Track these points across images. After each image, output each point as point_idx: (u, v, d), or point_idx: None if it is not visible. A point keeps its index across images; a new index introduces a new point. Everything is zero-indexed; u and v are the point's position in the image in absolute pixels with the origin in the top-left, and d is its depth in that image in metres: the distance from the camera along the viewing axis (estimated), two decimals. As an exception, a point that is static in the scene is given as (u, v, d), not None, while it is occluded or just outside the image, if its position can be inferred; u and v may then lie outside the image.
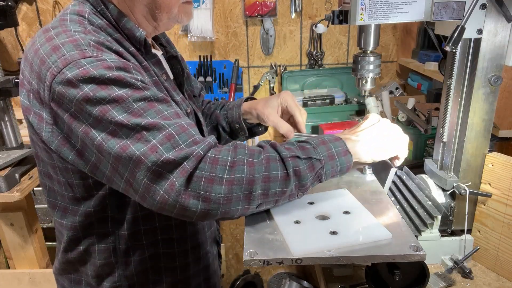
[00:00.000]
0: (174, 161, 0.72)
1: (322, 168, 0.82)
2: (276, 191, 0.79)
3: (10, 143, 1.81)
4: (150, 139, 0.73)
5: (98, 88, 0.73)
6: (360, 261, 0.79)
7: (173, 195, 0.73)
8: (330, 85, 2.30)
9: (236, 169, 0.75)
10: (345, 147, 0.86)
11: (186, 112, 0.97)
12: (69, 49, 0.76)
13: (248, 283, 2.65)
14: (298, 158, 0.80)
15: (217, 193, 0.74)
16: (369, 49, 1.02)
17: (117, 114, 0.73)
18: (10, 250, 1.83)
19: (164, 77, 0.94)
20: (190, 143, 0.74)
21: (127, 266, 0.95)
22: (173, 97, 0.94)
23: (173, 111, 0.79)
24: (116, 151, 0.74)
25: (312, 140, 0.85)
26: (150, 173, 0.73)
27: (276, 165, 0.78)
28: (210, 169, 0.74)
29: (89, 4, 0.87)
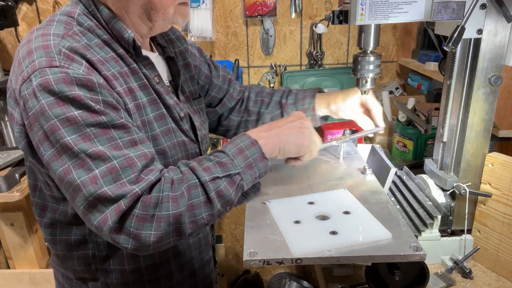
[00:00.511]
0: (110, 197, 0.72)
1: (241, 179, 0.82)
2: (204, 216, 0.78)
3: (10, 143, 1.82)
4: (92, 168, 0.73)
5: (55, 104, 0.73)
6: (360, 261, 0.79)
7: (105, 229, 0.73)
8: (330, 85, 2.30)
9: (163, 207, 0.75)
10: (261, 152, 0.85)
11: (179, 116, 0.96)
12: (39, 55, 0.76)
13: (248, 283, 2.65)
14: (218, 178, 0.79)
15: (147, 231, 0.74)
16: (369, 49, 1.02)
17: (67, 134, 0.73)
18: (10, 250, 1.83)
19: (156, 80, 0.93)
20: (131, 179, 0.74)
21: (107, 274, 0.95)
22: (164, 100, 0.93)
23: (129, 139, 0.77)
24: (59, 173, 0.74)
25: (229, 150, 0.83)
26: (87, 203, 0.73)
27: (197, 191, 0.78)
28: (143, 208, 0.74)
29: (82, 4, 0.87)
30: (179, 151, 0.94)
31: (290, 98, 1.21)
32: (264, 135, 0.89)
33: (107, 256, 0.93)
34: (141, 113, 0.87)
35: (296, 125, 0.93)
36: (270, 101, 1.23)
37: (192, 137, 1.00)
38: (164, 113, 0.92)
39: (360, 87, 1.08)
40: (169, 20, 0.90)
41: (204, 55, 1.20)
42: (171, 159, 0.92)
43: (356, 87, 1.10)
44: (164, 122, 0.92)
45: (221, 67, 1.25)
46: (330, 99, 1.17)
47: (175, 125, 0.94)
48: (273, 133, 0.90)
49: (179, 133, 0.95)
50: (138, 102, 0.87)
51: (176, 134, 0.94)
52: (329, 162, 1.19)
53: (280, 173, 1.11)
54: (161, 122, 0.91)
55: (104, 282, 0.95)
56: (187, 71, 1.10)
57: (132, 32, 0.88)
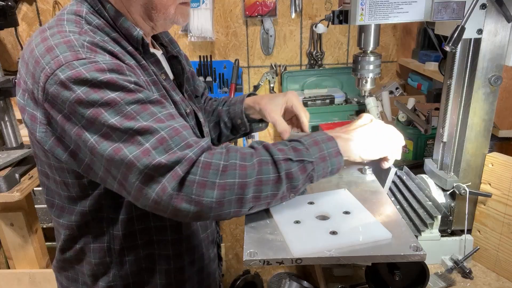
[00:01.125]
0: (166, 165, 0.72)
1: (313, 169, 0.82)
2: (268, 194, 0.79)
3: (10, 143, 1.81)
4: (142, 143, 0.73)
5: (90, 91, 0.73)
6: (360, 261, 0.79)
7: (165, 199, 0.73)
8: (330, 85, 2.30)
9: (228, 174, 0.75)
10: (336, 147, 0.85)
11: (186, 112, 0.97)
12: (62, 51, 0.76)
13: (248, 283, 2.65)
14: (291, 161, 0.79)
15: (209, 197, 0.74)
16: (369, 49, 1.02)
17: (110, 117, 0.73)
18: (10, 250, 1.83)
19: (163, 77, 0.94)
20: (183, 147, 0.74)
21: (121, 266, 0.95)
22: (172, 97, 0.94)
23: (167, 112, 0.78)
24: (108, 154, 0.74)
25: (305, 140, 0.84)
26: (142, 176, 0.73)
27: (268, 168, 0.78)
28: (202, 173, 0.74)
29: (87, 3, 0.87)
30: None
31: (225, 105, 1.23)
32: (342, 136, 0.89)
33: (122, 249, 0.93)
34: None
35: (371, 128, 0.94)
36: (212, 110, 1.25)
37: (198, 133, 1.01)
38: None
39: (360, 87, 1.08)
40: (170, 19, 0.91)
41: (190, 64, 1.21)
42: None
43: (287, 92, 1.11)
44: None
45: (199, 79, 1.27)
46: (256, 99, 1.16)
47: None
48: (351, 135, 0.91)
49: None
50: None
51: None
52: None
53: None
54: None
55: (118, 274, 0.95)
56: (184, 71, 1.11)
57: (140, 30, 0.89)
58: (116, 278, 0.96)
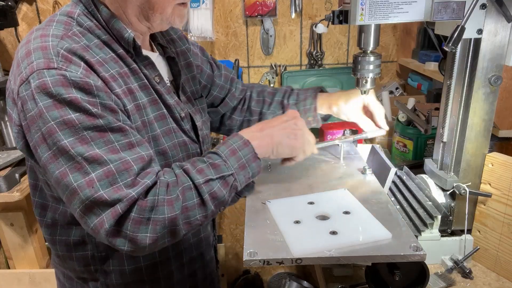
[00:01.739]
0: (106, 201, 0.72)
1: (235, 180, 0.83)
2: (198, 217, 0.79)
3: (10, 143, 1.82)
4: (89, 172, 0.73)
5: (52, 107, 0.73)
6: (360, 261, 0.79)
7: (102, 232, 0.74)
8: (330, 85, 2.30)
9: (159, 211, 0.75)
10: (253, 152, 0.86)
11: (180, 116, 0.96)
12: (37, 57, 0.76)
13: (248, 283, 2.64)
14: (211, 180, 0.80)
15: (143, 233, 0.75)
16: (369, 49, 1.02)
17: (63, 137, 0.73)
18: (10, 250, 1.83)
19: (157, 80, 0.93)
20: (128, 183, 0.74)
21: (107, 275, 0.95)
22: (165, 100, 0.93)
23: (126, 141, 0.77)
24: (55, 176, 0.74)
25: (222, 151, 0.84)
26: (83, 206, 0.74)
27: (191, 193, 0.79)
28: (139, 211, 0.74)
29: (82, 4, 0.87)
30: (180, 151, 0.94)
31: (291, 98, 1.21)
32: (257, 135, 0.89)
33: (106, 256, 0.93)
34: (141, 113, 0.87)
35: (289, 125, 0.93)
36: (272, 101, 1.23)
37: (193, 137, 1.00)
38: (165, 113, 0.92)
39: (360, 87, 1.08)
40: (167, 20, 0.90)
41: (207, 55, 1.20)
42: (171, 159, 0.92)
43: (357, 89, 1.10)
44: (164, 122, 0.92)
45: (224, 66, 1.26)
46: (331, 100, 1.17)
47: (175, 125, 0.94)
48: (266, 133, 0.90)
49: (180, 133, 0.95)
50: (138, 102, 0.87)
51: (177, 134, 0.94)
52: (329, 162, 1.19)
53: (280, 173, 1.11)
54: (161, 122, 0.91)
55: (104, 283, 0.95)
56: (188, 70, 1.09)
57: (132, 31, 0.88)
58: (103, 286, 0.96)
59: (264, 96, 1.25)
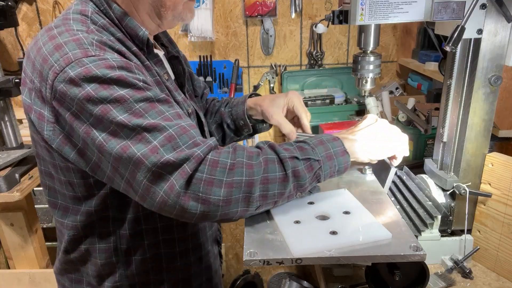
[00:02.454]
0: (174, 163, 0.72)
1: (320, 168, 0.82)
2: (275, 193, 0.79)
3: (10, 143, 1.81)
4: (150, 140, 0.73)
5: (100, 88, 0.73)
6: (360, 261, 0.79)
7: (172, 197, 0.73)
8: (330, 85, 2.30)
9: (235, 172, 0.75)
10: (342, 147, 0.86)
11: (188, 112, 0.97)
12: (71, 48, 0.76)
13: (248, 283, 2.65)
14: (297, 159, 0.80)
15: (216, 195, 0.73)
16: (369, 49, 1.02)
17: (118, 114, 0.73)
18: (10, 250, 1.83)
19: (166, 77, 0.94)
20: (190, 145, 0.74)
21: (128, 266, 0.95)
22: (174, 97, 0.94)
23: (175, 111, 0.79)
24: (116, 152, 0.74)
25: (310, 140, 0.85)
26: (150, 174, 0.73)
27: (274, 166, 0.78)
28: (210, 171, 0.73)
29: (92, 3, 0.87)
30: None
31: (227, 106, 1.23)
32: (347, 136, 0.91)
33: (128, 248, 0.93)
34: None
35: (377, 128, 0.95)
36: (214, 111, 1.25)
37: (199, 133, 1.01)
38: None
39: (360, 87, 1.08)
40: (179, 16, 0.91)
41: (189, 65, 1.22)
42: None
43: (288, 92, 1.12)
44: None
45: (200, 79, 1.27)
46: (257, 101, 1.17)
47: None
48: (357, 136, 0.92)
49: None
50: None
51: None
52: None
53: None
54: None
55: (124, 274, 0.95)
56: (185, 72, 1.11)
57: (146, 30, 0.89)
58: (122, 278, 0.96)
59: (211, 107, 1.27)
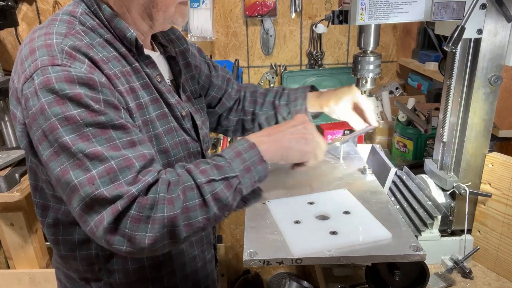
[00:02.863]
0: (106, 198, 0.72)
1: (240, 183, 0.80)
2: (199, 219, 0.77)
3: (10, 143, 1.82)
4: (90, 169, 0.72)
5: (54, 103, 0.73)
6: (360, 261, 0.79)
7: (100, 230, 0.73)
8: (330, 85, 2.30)
9: (159, 209, 0.74)
10: (259, 155, 0.83)
11: (181, 114, 0.96)
12: (41, 54, 0.76)
13: (248, 283, 2.64)
14: (214, 181, 0.78)
15: (142, 232, 0.73)
16: (369, 49, 1.02)
17: (65, 134, 0.72)
18: (10, 250, 1.83)
19: (158, 79, 0.93)
20: (129, 180, 0.73)
21: (111, 274, 0.94)
22: (166, 99, 0.93)
23: (128, 139, 0.77)
24: (56, 173, 0.74)
25: (227, 153, 0.82)
26: (83, 204, 0.73)
27: (193, 194, 0.76)
28: (138, 209, 0.73)
29: (84, 4, 0.87)
30: (181, 150, 0.95)
31: (282, 99, 1.22)
32: (264, 140, 0.87)
33: (110, 255, 0.93)
34: (143, 112, 0.87)
35: (298, 130, 0.91)
36: (263, 101, 1.24)
37: (193, 136, 1.00)
38: (166, 112, 0.92)
39: (360, 87, 1.08)
40: (169, 19, 0.90)
41: (204, 55, 1.21)
42: (173, 157, 0.92)
43: (347, 86, 1.12)
44: (166, 121, 0.92)
45: (220, 67, 1.26)
46: (322, 101, 1.17)
47: (177, 124, 0.95)
48: (274, 138, 0.88)
49: (181, 131, 0.95)
50: (140, 101, 0.87)
51: (178, 132, 0.94)
52: (329, 162, 1.19)
53: (280, 173, 1.11)
54: (163, 121, 0.91)
55: (108, 282, 0.95)
56: (187, 70, 1.10)
57: (134, 31, 0.88)
58: (106, 285, 0.96)
59: (256, 97, 1.25)
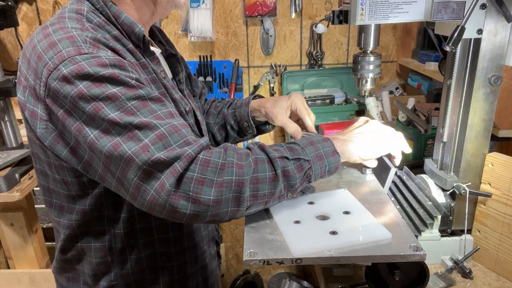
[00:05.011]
0: (165, 161, 0.72)
1: (310, 168, 0.83)
2: (266, 193, 0.79)
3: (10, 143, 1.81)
4: (142, 138, 0.73)
5: (92, 86, 0.73)
6: (360, 261, 0.79)
7: (163, 195, 0.72)
8: (330, 85, 2.30)
9: (226, 172, 0.75)
10: (333, 147, 0.87)
11: (185, 110, 0.97)
12: (65, 46, 0.76)
13: (248, 283, 2.65)
14: (287, 159, 0.80)
15: (206, 195, 0.73)
16: (369, 49, 1.02)
17: (110, 112, 0.73)
18: (10, 250, 1.83)
19: (163, 75, 0.94)
20: (182, 144, 0.74)
21: (123, 265, 0.95)
22: (171, 95, 0.94)
23: (167, 110, 0.79)
24: (108, 150, 0.74)
25: (300, 141, 0.85)
26: (141, 172, 0.72)
27: (264, 166, 0.78)
28: (201, 171, 0.73)
29: (88, 2, 0.88)
30: None
31: (230, 107, 1.23)
32: (339, 137, 0.92)
33: (123, 248, 0.93)
34: None
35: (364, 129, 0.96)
36: (217, 112, 1.25)
37: (196, 132, 1.02)
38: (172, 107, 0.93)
39: (360, 87, 1.08)
40: (172, 2, 0.91)
41: (186, 65, 1.22)
42: None
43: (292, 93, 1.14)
44: None
45: (198, 80, 1.27)
46: (261, 102, 1.17)
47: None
48: (347, 137, 0.93)
49: None
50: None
51: None
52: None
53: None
54: None
55: (119, 274, 0.95)
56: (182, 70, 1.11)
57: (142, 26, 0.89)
58: (117, 277, 0.95)
59: (212, 108, 1.27)
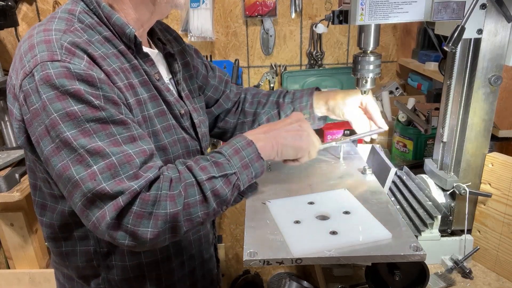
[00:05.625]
0: (108, 193, 0.72)
1: (238, 179, 0.84)
2: (199, 214, 0.80)
3: (10, 143, 1.82)
4: (91, 164, 0.73)
5: (55, 99, 0.73)
6: (360, 261, 0.79)
7: (103, 225, 0.74)
8: (330, 85, 2.30)
9: (161, 205, 0.76)
10: (256, 152, 0.86)
11: (180, 113, 0.97)
12: (41, 50, 0.76)
13: (248, 283, 2.64)
14: (214, 178, 0.80)
15: (144, 227, 0.75)
16: (369, 49, 1.02)
17: (66, 129, 0.73)
18: (10, 250, 1.83)
19: (157, 77, 0.93)
20: (130, 176, 0.74)
21: (109, 270, 0.95)
22: (164, 97, 0.93)
23: (128, 134, 0.78)
24: (58, 169, 0.74)
25: (225, 150, 0.85)
26: (85, 199, 0.73)
27: (194, 190, 0.79)
28: (141, 205, 0.74)
29: (83, 3, 0.88)
30: (179, 148, 0.95)
31: (287, 97, 1.22)
32: (261, 137, 0.90)
33: (108, 252, 0.94)
34: (141, 108, 0.87)
35: (294, 127, 0.94)
36: (266, 101, 1.23)
37: (192, 134, 1.01)
38: (165, 110, 0.93)
39: (360, 87, 1.08)
40: (171, 1, 0.90)
41: (201, 56, 1.21)
42: (171, 155, 0.93)
43: (357, 88, 1.10)
44: (164, 119, 0.92)
45: (218, 68, 1.26)
46: (329, 96, 1.17)
47: (175, 122, 0.95)
48: (270, 135, 0.91)
49: (179, 129, 0.96)
50: (139, 97, 0.87)
51: (176, 130, 0.95)
52: (329, 162, 1.19)
53: (280, 173, 1.11)
54: (161, 118, 0.92)
55: (106, 278, 0.96)
56: (186, 70, 1.10)
57: (133, 27, 0.89)
58: (105, 281, 0.96)
59: (258, 97, 1.25)
